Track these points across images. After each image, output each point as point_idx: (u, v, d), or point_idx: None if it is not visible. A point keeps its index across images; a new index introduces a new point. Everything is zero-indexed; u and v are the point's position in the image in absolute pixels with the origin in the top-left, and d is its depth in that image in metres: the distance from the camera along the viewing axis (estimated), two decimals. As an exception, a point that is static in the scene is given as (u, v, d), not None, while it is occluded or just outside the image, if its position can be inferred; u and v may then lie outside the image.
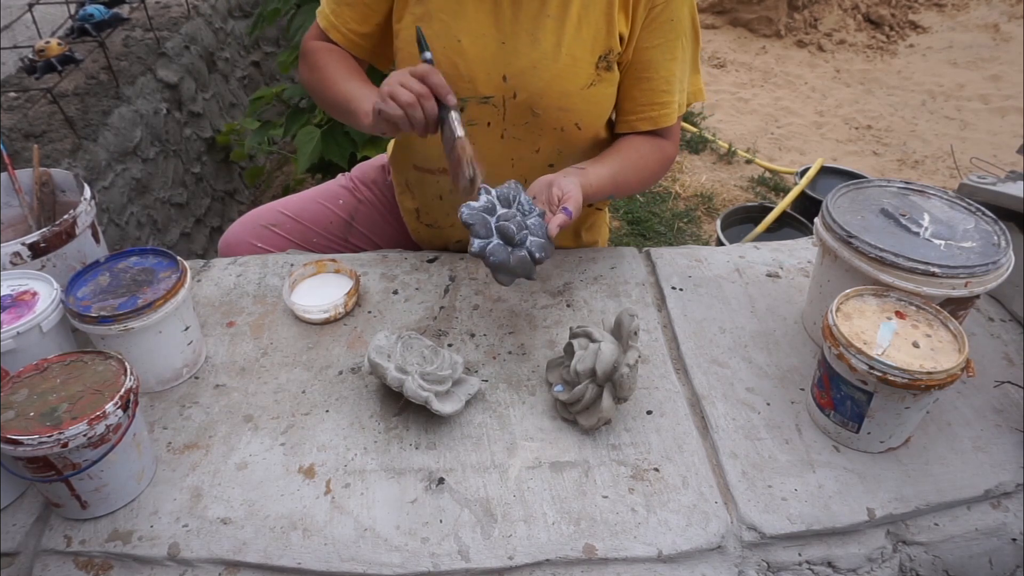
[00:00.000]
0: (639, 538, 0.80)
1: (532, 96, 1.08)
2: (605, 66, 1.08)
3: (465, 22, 1.06)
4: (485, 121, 1.12)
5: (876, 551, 0.83)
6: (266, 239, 1.32)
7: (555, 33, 1.05)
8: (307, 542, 0.79)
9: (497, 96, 1.09)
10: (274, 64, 3.45)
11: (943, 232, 0.96)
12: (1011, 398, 0.99)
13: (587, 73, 1.07)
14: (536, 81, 1.07)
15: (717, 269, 1.22)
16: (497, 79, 1.08)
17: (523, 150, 1.15)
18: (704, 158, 3.48)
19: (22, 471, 0.77)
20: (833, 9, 4.88)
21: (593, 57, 1.07)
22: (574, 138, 1.14)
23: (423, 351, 0.95)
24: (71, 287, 0.93)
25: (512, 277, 0.95)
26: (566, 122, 1.11)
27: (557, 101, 1.09)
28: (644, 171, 1.15)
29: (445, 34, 1.06)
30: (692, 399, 0.98)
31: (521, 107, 1.09)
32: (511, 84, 1.08)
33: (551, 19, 1.05)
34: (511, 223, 0.94)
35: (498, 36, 1.06)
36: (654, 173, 1.17)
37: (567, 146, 1.15)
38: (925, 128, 3.78)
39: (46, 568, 0.79)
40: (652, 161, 1.16)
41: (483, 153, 1.15)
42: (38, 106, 1.99)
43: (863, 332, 0.85)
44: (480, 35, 1.06)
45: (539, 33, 1.05)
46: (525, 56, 1.06)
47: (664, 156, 1.17)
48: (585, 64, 1.07)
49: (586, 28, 1.05)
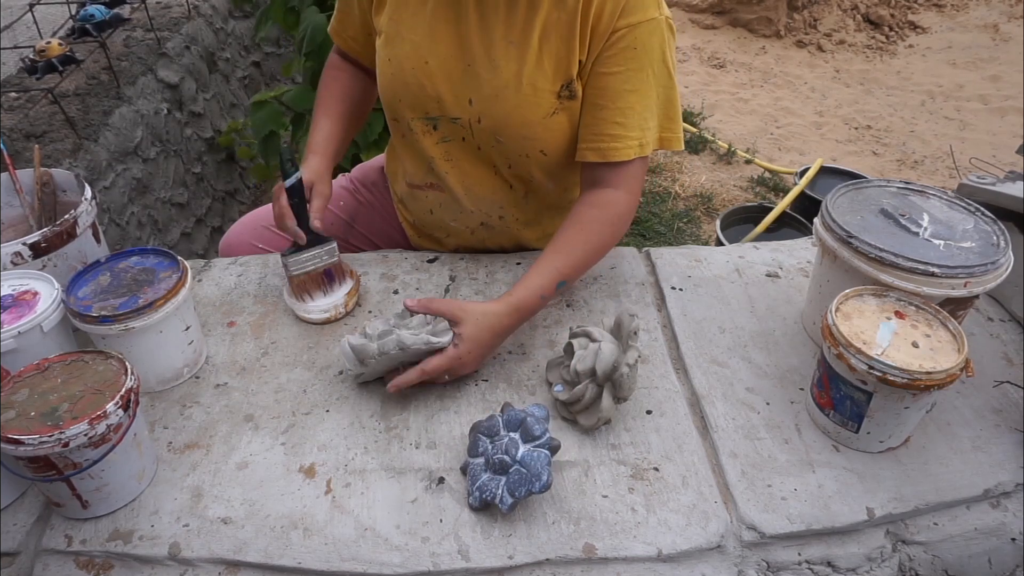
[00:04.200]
0: (639, 538, 0.80)
1: (495, 123, 1.06)
2: (568, 95, 1.04)
3: (433, 43, 1.05)
4: (460, 136, 1.11)
5: (875, 551, 0.83)
6: (267, 239, 1.33)
7: (517, 61, 1.02)
8: (307, 542, 0.80)
9: (464, 118, 1.08)
10: (274, 64, 3.45)
11: (942, 232, 0.96)
12: (1010, 398, 0.99)
13: (548, 103, 1.04)
14: (498, 109, 1.05)
15: (717, 269, 1.22)
16: (464, 102, 1.07)
17: (500, 161, 1.14)
18: (704, 158, 3.48)
19: (23, 471, 0.77)
20: (833, 9, 4.89)
21: (555, 87, 1.03)
22: (540, 162, 1.11)
23: (396, 327, 0.95)
24: (72, 287, 0.93)
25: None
26: (530, 149, 1.09)
27: (519, 130, 1.06)
28: (589, 245, 1.05)
29: (414, 55, 1.06)
30: (692, 399, 0.98)
31: (486, 132, 1.08)
32: (476, 109, 1.07)
33: (513, 46, 1.02)
34: (506, 455, 0.83)
35: (464, 59, 1.05)
36: (604, 243, 1.07)
37: (534, 169, 1.12)
38: (924, 128, 3.78)
39: (47, 568, 0.79)
40: (598, 231, 1.05)
41: (464, 167, 1.15)
42: (39, 106, 1.99)
43: (862, 332, 0.86)
44: (447, 57, 1.05)
45: (501, 60, 1.03)
46: (488, 83, 1.04)
47: (615, 216, 1.06)
48: (546, 94, 1.03)
49: (547, 57, 1.02)
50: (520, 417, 0.85)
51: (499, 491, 0.80)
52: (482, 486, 0.82)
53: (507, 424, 0.85)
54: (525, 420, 0.84)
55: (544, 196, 1.19)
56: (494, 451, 0.83)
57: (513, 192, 1.18)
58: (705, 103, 3.97)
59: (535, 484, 0.79)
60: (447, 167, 1.15)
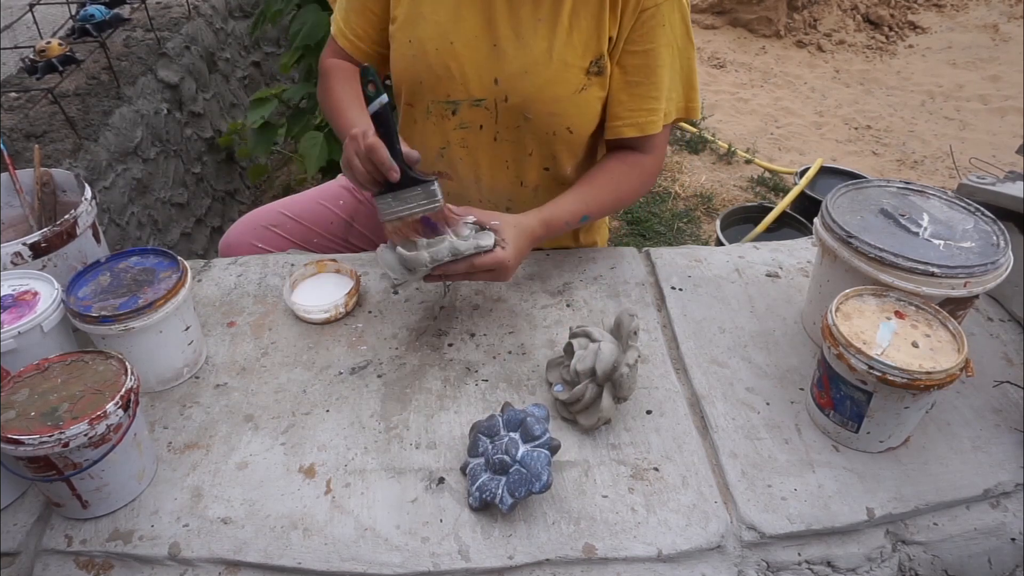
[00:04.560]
0: (639, 538, 0.80)
1: (523, 100, 1.08)
2: (596, 71, 1.07)
3: (458, 24, 1.06)
4: (477, 124, 1.12)
5: (875, 551, 0.83)
6: (267, 239, 1.33)
7: (546, 38, 1.05)
8: (307, 542, 0.80)
9: (489, 99, 1.09)
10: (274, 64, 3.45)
11: (942, 232, 0.96)
12: (1010, 398, 0.99)
13: (578, 79, 1.07)
14: (527, 86, 1.07)
15: (717, 269, 1.22)
16: (489, 82, 1.08)
17: (516, 152, 1.15)
18: (704, 158, 3.48)
19: (23, 471, 0.77)
20: (832, 9, 4.89)
21: (584, 63, 1.06)
22: (566, 141, 1.14)
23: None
24: (72, 287, 0.93)
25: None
26: (557, 126, 1.11)
27: (548, 106, 1.08)
28: (617, 191, 1.13)
29: (438, 36, 1.06)
30: (692, 399, 0.98)
31: (512, 111, 1.09)
32: (503, 87, 1.08)
33: (542, 23, 1.05)
34: (506, 455, 0.83)
35: (490, 38, 1.06)
36: (634, 190, 1.16)
37: (559, 149, 1.15)
38: (924, 128, 3.78)
39: (47, 568, 0.79)
40: (627, 181, 1.14)
41: (477, 156, 1.15)
42: (39, 106, 1.99)
43: (862, 332, 0.86)
44: (473, 37, 1.06)
45: (531, 37, 1.05)
46: (516, 60, 1.06)
47: (642, 173, 1.15)
48: (576, 70, 1.06)
49: (577, 34, 1.05)
50: (520, 417, 0.85)
51: (499, 491, 0.80)
52: (482, 486, 0.82)
53: (507, 424, 0.86)
54: (525, 420, 0.84)
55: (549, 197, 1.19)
56: (494, 451, 0.83)
57: (523, 188, 1.19)
58: (705, 103, 3.97)
59: (535, 484, 0.79)
60: (461, 153, 1.15)
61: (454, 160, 1.16)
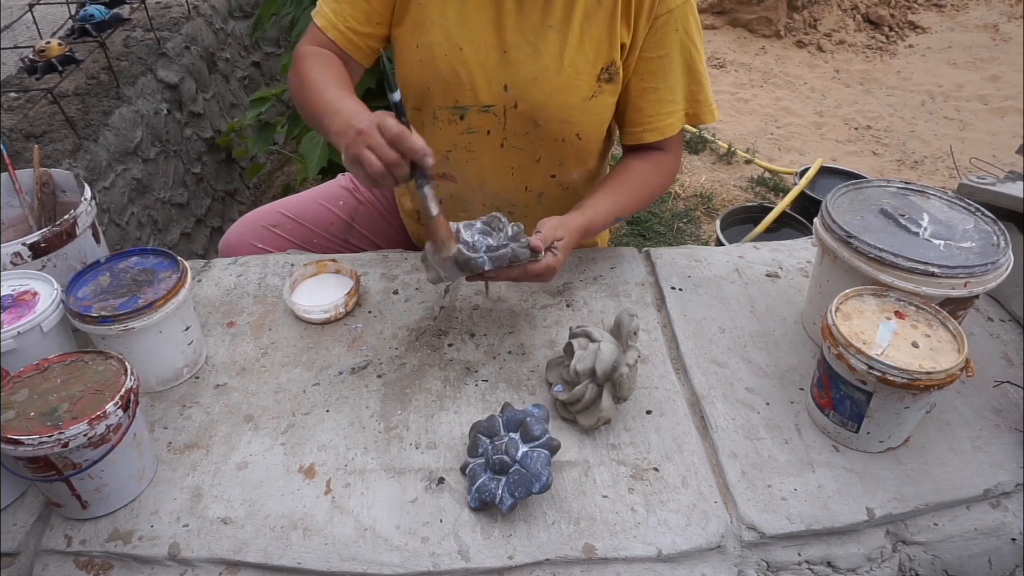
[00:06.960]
0: (639, 538, 0.80)
1: (533, 107, 1.08)
2: (607, 78, 1.08)
3: (467, 30, 1.05)
4: (485, 129, 1.11)
5: (875, 551, 0.83)
6: (267, 239, 1.33)
7: (557, 45, 1.05)
8: (307, 542, 0.80)
9: (498, 105, 1.09)
10: (274, 64, 3.45)
11: (942, 232, 0.96)
12: (1010, 398, 0.99)
13: (589, 85, 1.07)
14: (537, 93, 1.07)
15: (717, 269, 1.22)
16: (498, 88, 1.07)
17: (523, 159, 1.15)
18: (704, 158, 3.48)
19: (23, 471, 0.77)
20: (833, 9, 4.89)
21: (595, 69, 1.06)
22: (574, 147, 1.14)
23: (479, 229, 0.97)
24: (72, 287, 0.93)
25: None
26: (567, 133, 1.11)
27: (558, 113, 1.08)
28: (645, 191, 1.15)
29: (447, 41, 1.05)
30: (692, 399, 0.98)
31: (522, 117, 1.09)
32: (512, 94, 1.07)
33: (553, 30, 1.04)
34: (505, 456, 0.82)
35: (500, 45, 1.05)
36: (658, 188, 1.18)
37: (568, 156, 1.15)
38: (924, 128, 3.78)
39: (46, 568, 0.79)
40: (652, 180, 1.16)
41: (483, 161, 1.15)
42: (39, 106, 1.99)
43: (862, 332, 0.85)
44: (482, 43, 1.05)
45: (541, 44, 1.04)
46: (527, 67, 1.05)
47: (665, 171, 1.17)
48: (587, 77, 1.06)
49: (588, 40, 1.05)
50: (520, 417, 0.85)
51: (499, 491, 0.80)
52: (482, 486, 0.82)
53: (507, 424, 0.86)
54: (525, 420, 0.84)
55: (554, 203, 1.20)
56: (494, 451, 0.83)
57: (528, 193, 1.19)
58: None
59: (535, 484, 0.79)
60: (467, 157, 1.15)
61: (459, 163, 1.16)
